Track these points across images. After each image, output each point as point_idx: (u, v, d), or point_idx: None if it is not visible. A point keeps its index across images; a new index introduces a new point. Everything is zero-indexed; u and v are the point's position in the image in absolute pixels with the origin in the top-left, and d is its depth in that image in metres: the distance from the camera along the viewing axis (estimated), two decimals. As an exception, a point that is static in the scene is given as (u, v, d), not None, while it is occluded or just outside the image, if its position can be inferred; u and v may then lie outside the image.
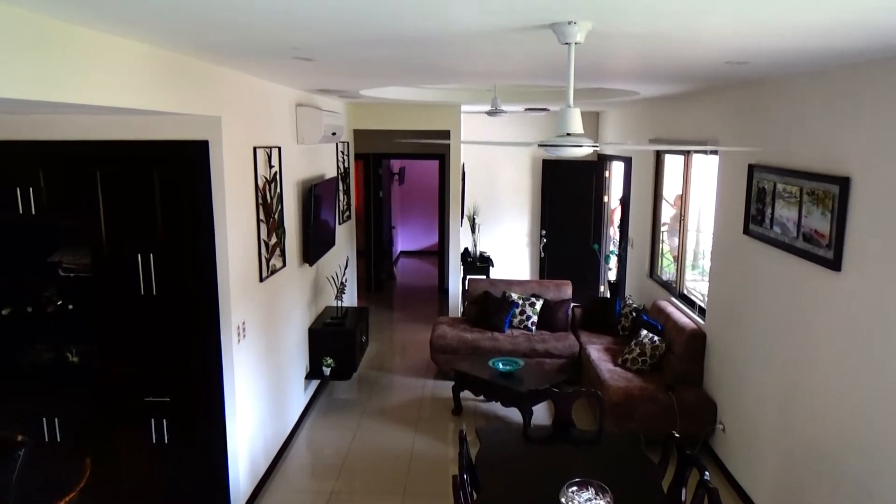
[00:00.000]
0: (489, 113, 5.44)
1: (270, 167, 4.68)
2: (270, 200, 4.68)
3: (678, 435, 3.65)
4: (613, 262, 8.52)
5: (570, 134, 2.37)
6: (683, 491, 3.36)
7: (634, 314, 6.51)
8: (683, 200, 6.13)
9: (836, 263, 3.42)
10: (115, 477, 4.16)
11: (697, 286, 6.03)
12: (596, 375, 5.65)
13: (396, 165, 12.19)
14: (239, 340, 4.13)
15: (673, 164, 6.54)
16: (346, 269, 7.10)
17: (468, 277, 8.65)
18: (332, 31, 2.51)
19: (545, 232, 9.62)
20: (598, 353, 6.09)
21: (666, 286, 6.47)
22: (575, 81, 2.50)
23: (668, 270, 6.69)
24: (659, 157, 6.72)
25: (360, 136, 8.16)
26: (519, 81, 4.94)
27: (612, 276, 8.58)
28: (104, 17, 2.27)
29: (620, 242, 8.16)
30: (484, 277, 8.45)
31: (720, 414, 4.93)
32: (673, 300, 6.15)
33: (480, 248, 9.63)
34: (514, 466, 3.69)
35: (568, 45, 2.35)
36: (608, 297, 8.11)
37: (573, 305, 7.21)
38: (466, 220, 9.45)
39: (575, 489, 3.17)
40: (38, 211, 3.95)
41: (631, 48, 2.93)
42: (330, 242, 6.36)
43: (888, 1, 1.94)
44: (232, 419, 4.12)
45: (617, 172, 8.82)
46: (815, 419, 3.64)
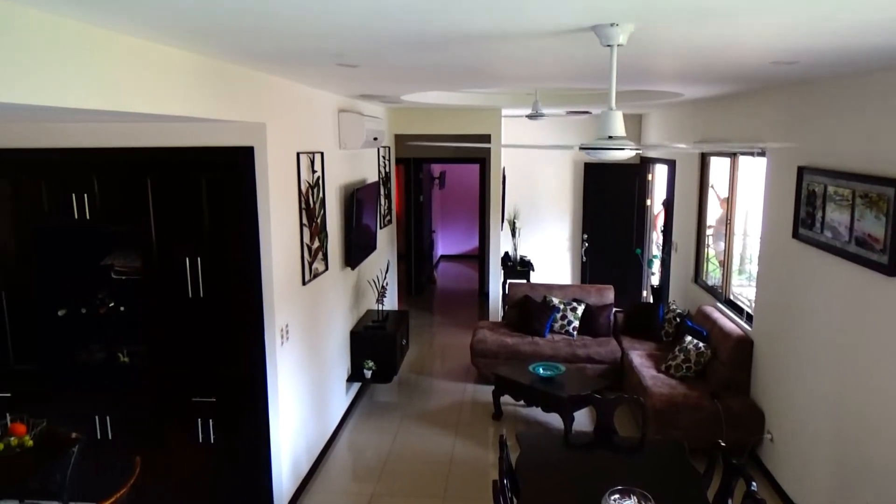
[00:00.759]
0: (530, 116, 5.42)
1: (313, 172, 4.75)
2: (313, 205, 4.75)
3: (724, 444, 3.56)
4: (656, 266, 8.39)
5: (612, 137, 2.35)
6: (729, 502, 3.28)
7: (678, 320, 6.39)
8: (730, 204, 6.00)
9: (891, 269, 3.29)
10: (163, 475, 4.27)
11: (744, 291, 5.89)
12: (638, 382, 5.57)
13: (437, 170, 12.24)
14: (282, 343, 4.20)
15: (719, 166, 6.40)
16: (386, 272, 7.16)
17: (508, 281, 8.62)
18: (376, 37, 2.54)
19: (586, 236, 9.53)
20: (640, 359, 6.00)
21: (711, 291, 6.33)
22: (617, 84, 2.47)
23: (713, 275, 6.55)
24: (704, 159, 6.59)
25: (400, 140, 8.23)
26: (560, 85, 4.91)
27: (655, 280, 8.44)
28: (157, 28, 2.34)
29: (664, 247, 8.03)
30: (524, 282, 8.41)
31: (768, 423, 4.80)
32: (719, 306, 6.02)
33: (521, 252, 9.59)
34: (554, 472, 3.65)
35: (610, 47, 2.32)
36: (651, 302, 7.98)
37: (615, 310, 7.12)
38: (507, 223, 9.42)
39: (617, 497, 3.12)
40: (92, 216, 4.09)
41: (674, 50, 2.89)
42: (371, 246, 6.42)
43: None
44: (275, 420, 4.19)
45: (660, 175, 8.68)
46: (868, 429, 3.51)
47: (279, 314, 4.13)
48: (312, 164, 4.73)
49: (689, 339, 5.67)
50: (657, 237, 8.70)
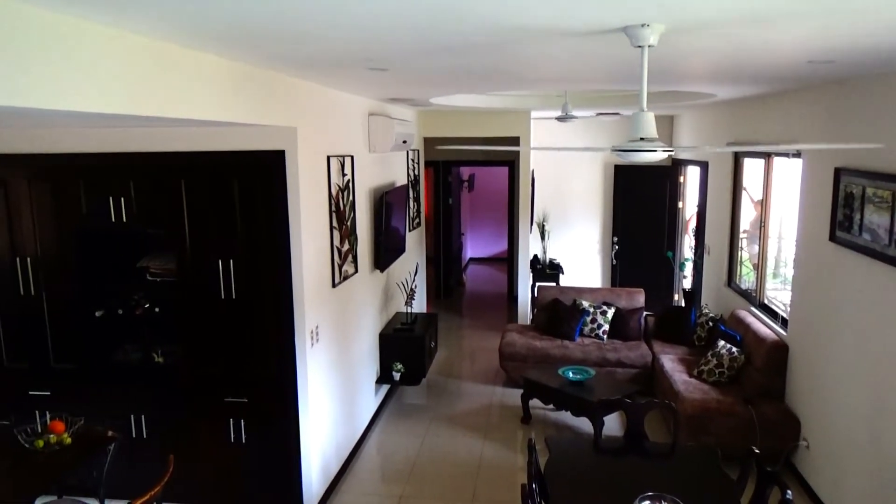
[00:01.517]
0: (559, 118, 5.40)
1: (343, 175, 4.79)
2: (343, 208, 4.79)
3: (758, 451, 3.49)
4: (688, 269, 8.27)
5: (643, 138, 2.33)
6: (764, 509, 3.22)
7: (711, 324, 6.29)
8: (764, 206, 5.89)
9: (933, 272, 3.20)
10: (195, 473, 4.34)
11: (779, 295, 5.77)
12: (670, 386, 5.49)
13: (466, 172, 12.24)
14: (312, 344, 4.24)
15: (753, 168, 6.29)
16: (415, 275, 7.18)
17: (537, 284, 8.57)
18: (407, 41, 2.55)
19: (617, 239, 9.44)
20: (672, 363, 5.92)
21: (745, 295, 6.22)
22: (648, 85, 2.45)
23: (747, 279, 6.43)
24: (738, 161, 6.48)
25: (430, 143, 8.25)
26: (590, 86, 4.88)
27: (686, 284, 8.32)
28: (193, 35, 2.39)
29: (696, 250, 7.91)
30: (553, 284, 8.36)
31: (804, 430, 4.70)
32: (752, 310, 5.91)
33: (550, 254, 9.53)
34: (584, 477, 3.62)
35: (641, 48, 2.30)
36: (683, 305, 7.86)
37: (646, 314, 7.03)
38: (536, 226, 9.38)
39: (648, 503, 3.09)
40: (128, 219, 4.18)
41: (706, 50, 2.85)
42: (400, 249, 6.45)
43: None
44: (305, 421, 4.23)
45: (692, 177, 8.56)
46: (910, 438, 3.41)
47: (309, 316, 4.17)
48: (342, 167, 4.77)
49: (721, 343, 5.58)
50: (689, 240, 8.58)
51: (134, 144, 4.06)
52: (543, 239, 9.42)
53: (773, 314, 5.56)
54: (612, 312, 6.85)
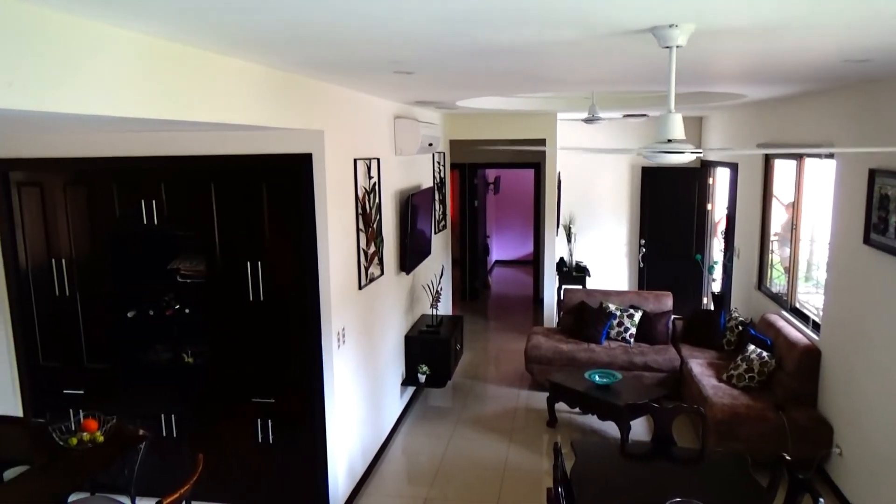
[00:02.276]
0: (586, 120, 5.36)
1: (370, 178, 4.82)
2: (369, 210, 4.82)
3: (789, 457, 3.43)
4: (718, 272, 8.15)
5: (671, 140, 2.30)
6: (795, 517, 3.16)
7: (741, 328, 6.19)
8: (796, 208, 5.79)
9: (973, 276, 3.11)
10: (224, 473, 4.40)
11: (811, 299, 5.66)
12: (698, 391, 5.42)
13: (492, 175, 12.23)
14: (339, 346, 4.27)
15: (784, 169, 6.19)
16: (441, 277, 7.19)
17: (564, 287, 8.52)
18: (433, 44, 2.56)
19: (644, 241, 9.35)
20: (700, 367, 5.84)
21: (776, 299, 6.11)
22: (676, 85, 2.43)
23: (778, 282, 6.32)
24: (768, 162, 6.37)
25: (455, 146, 8.26)
26: (617, 87, 4.84)
27: (716, 287, 8.20)
28: (224, 41, 2.43)
29: (725, 252, 7.80)
30: (580, 287, 8.30)
31: (837, 436, 4.60)
32: (783, 314, 5.80)
33: (576, 257, 9.47)
34: (610, 482, 3.59)
35: (669, 48, 2.28)
36: (712, 309, 7.75)
37: (674, 318, 6.95)
38: (562, 228, 9.33)
39: (676, 509, 3.05)
40: (160, 221, 4.26)
41: (737, 50, 2.81)
42: (426, 251, 6.46)
43: None
44: (332, 422, 4.26)
45: (722, 179, 8.44)
46: (948, 447, 3.32)
47: (336, 318, 4.20)
48: (369, 170, 4.80)
49: (752, 347, 5.49)
50: (718, 242, 8.46)
51: (165, 148, 4.13)
52: (570, 241, 9.36)
53: (804, 318, 5.46)
54: (639, 316, 6.78)
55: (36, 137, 4.27)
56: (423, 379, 5.93)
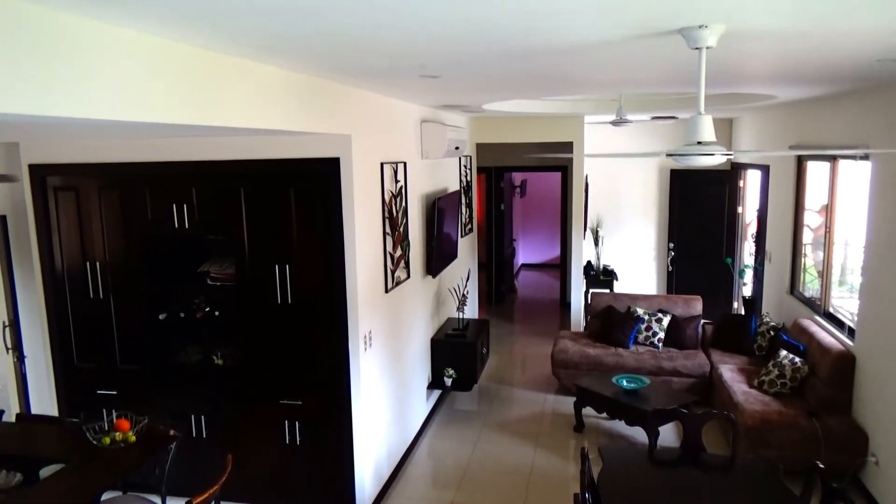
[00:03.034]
0: (614, 123, 5.32)
1: (396, 182, 4.84)
2: (396, 214, 4.84)
3: (822, 465, 3.36)
4: (749, 277, 8.02)
5: (700, 142, 2.28)
6: (830, 527, 3.09)
7: (772, 333, 6.08)
8: (829, 211, 5.67)
9: None
10: (251, 473, 4.44)
11: (845, 304, 5.53)
12: (729, 397, 5.33)
13: (518, 178, 12.20)
14: (365, 349, 4.29)
15: (817, 171, 6.06)
16: (467, 281, 7.19)
17: (591, 291, 8.47)
18: (459, 48, 2.57)
19: (673, 245, 9.23)
20: (731, 373, 5.74)
21: (809, 303, 5.99)
22: (706, 87, 2.40)
23: (811, 286, 6.20)
24: (801, 164, 6.26)
25: (482, 149, 8.26)
26: (645, 89, 4.80)
27: (746, 291, 8.07)
28: (252, 47, 2.46)
29: (756, 256, 7.67)
30: (607, 291, 8.24)
31: (872, 445, 4.49)
32: (817, 319, 5.69)
33: (604, 261, 9.40)
34: (638, 488, 3.55)
35: (698, 49, 2.26)
36: (742, 314, 7.63)
37: (703, 322, 6.85)
38: (589, 232, 9.26)
39: (706, 516, 3.00)
40: (190, 225, 4.32)
41: (767, 51, 2.77)
42: (452, 255, 6.47)
43: None
44: (358, 425, 4.28)
45: (753, 181, 8.31)
46: None
47: (363, 321, 4.23)
48: (395, 173, 4.82)
49: (784, 353, 5.39)
50: (749, 246, 8.32)
51: (196, 153, 4.20)
52: (597, 245, 9.29)
53: (838, 323, 5.34)
54: (667, 320, 6.70)
55: (72, 144, 4.38)
56: (449, 382, 5.93)
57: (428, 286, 5.92)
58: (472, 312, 7.77)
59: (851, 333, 5.02)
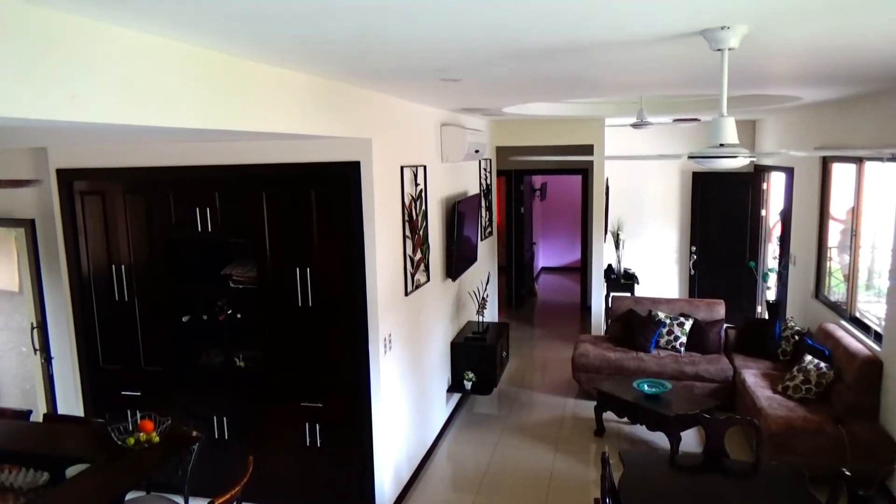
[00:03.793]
0: (635, 125, 5.29)
1: (416, 185, 4.86)
2: (416, 217, 4.85)
3: (849, 473, 3.30)
4: (772, 280, 7.91)
5: (723, 144, 2.26)
6: (857, 535, 3.04)
7: (797, 337, 5.99)
8: (856, 213, 5.58)
9: None
10: (272, 475, 4.48)
11: (872, 308, 5.44)
12: (752, 402, 5.26)
13: (538, 181, 12.17)
14: (385, 352, 4.30)
15: (843, 173, 5.97)
16: (487, 284, 7.18)
17: (612, 295, 8.41)
18: (480, 51, 2.57)
19: (695, 248, 9.14)
20: (754, 378, 5.67)
21: (834, 308, 5.90)
22: (728, 88, 2.38)
23: (836, 290, 6.10)
24: (826, 166, 6.17)
25: (502, 152, 8.25)
26: (667, 91, 4.76)
27: (770, 295, 7.96)
28: (273, 52, 2.49)
29: (780, 259, 7.56)
30: (628, 295, 8.17)
31: (902, 452, 4.40)
32: (843, 323, 5.59)
33: (625, 264, 9.33)
34: (659, 494, 3.52)
35: (721, 51, 2.24)
36: (766, 318, 7.53)
37: (726, 326, 6.77)
38: (610, 235, 9.21)
39: (729, 523, 2.96)
40: (213, 229, 4.38)
41: (791, 52, 2.74)
42: (472, 258, 6.47)
43: None
44: (379, 427, 4.30)
45: (777, 184, 8.20)
46: None
47: (383, 324, 4.24)
48: (415, 177, 4.84)
49: (808, 358, 5.31)
50: (773, 249, 8.21)
51: (219, 157, 4.25)
52: (618, 248, 9.23)
53: (865, 328, 5.25)
54: (689, 324, 6.63)
55: (98, 148, 4.46)
56: (468, 386, 5.92)
57: (448, 289, 5.93)
58: (491, 316, 7.76)
59: (878, 338, 4.93)
